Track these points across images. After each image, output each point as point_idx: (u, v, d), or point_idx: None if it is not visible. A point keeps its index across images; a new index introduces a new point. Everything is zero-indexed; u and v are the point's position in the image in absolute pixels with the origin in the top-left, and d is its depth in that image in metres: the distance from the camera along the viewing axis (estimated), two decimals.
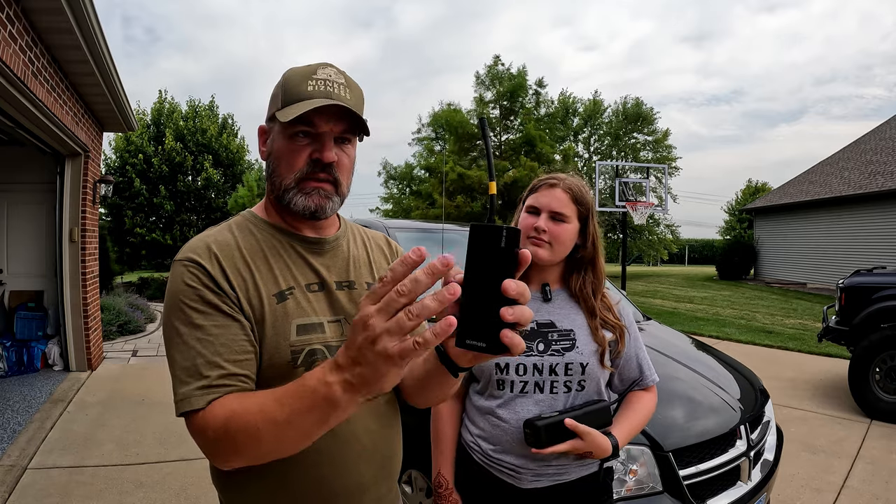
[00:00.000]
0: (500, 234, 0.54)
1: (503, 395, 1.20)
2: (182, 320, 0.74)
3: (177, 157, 13.79)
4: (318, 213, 0.84)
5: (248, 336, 0.76)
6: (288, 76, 0.84)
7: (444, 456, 1.30)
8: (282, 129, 0.82)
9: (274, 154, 0.85)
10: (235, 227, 0.86)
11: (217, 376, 0.71)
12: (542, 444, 1.11)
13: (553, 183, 1.24)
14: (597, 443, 1.13)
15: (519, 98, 18.42)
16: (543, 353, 1.20)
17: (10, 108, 3.40)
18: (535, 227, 1.21)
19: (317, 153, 0.82)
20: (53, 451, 3.24)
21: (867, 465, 3.21)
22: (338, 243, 0.93)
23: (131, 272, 15.25)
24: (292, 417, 0.61)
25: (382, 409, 0.90)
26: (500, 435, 1.20)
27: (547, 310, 1.24)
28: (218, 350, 0.73)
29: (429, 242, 2.83)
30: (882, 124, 16.21)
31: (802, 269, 15.21)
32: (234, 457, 0.68)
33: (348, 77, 0.85)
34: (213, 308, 0.75)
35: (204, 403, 0.69)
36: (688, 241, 34.56)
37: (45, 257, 5.39)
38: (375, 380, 0.53)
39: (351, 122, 0.83)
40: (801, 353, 6.45)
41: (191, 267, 0.77)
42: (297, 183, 0.83)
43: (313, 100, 0.79)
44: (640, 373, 1.28)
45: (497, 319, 0.53)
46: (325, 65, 0.84)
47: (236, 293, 0.78)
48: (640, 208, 10.84)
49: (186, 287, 0.75)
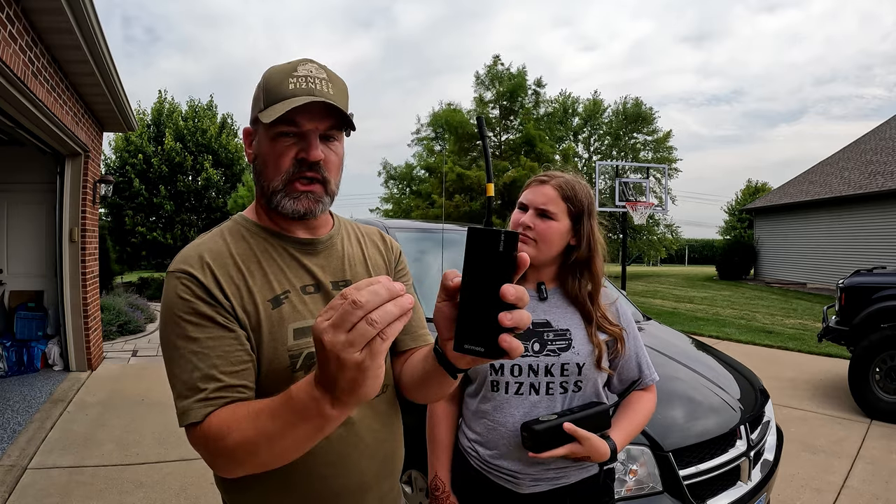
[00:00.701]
0: (498, 237, 0.53)
1: (497, 396, 1.17)
2: (178, 334, 0.74)
3: (176, 157, 13.79)
4: (307, 215, 0.83)
5: (243, 346, 0.76)
6: (268, 76, 0.82)
7: (440, 458, 1.28)
8: (266, 131, 0.81)
9: (260, 156, 0.83)
10: (228, 234, 0.85)
11: (214, 389, 0.71)
12: (540, 448, 1.08)
13: (543, 180, 1.23)
14: (595, 447, 1.10)
15: (518, 98, 18.42)
16: (539, 354, 1.16)
17: (10, 108, 3.40)
18: (520, 223, 1.20)
19: (303, 153, 0.80)
20: (53, 451, 3.24)
21: (867, 465, 3.21)
22: (332, 242, 0.92)
23: (131, 272, 15.25)
24: (286, 431, 0.61)
25: (383, 408, 0.90)
26: (497, 439, 1.17)
27: (543, 309, 1.21)
28: (214, 363, 0.72)
29: (429, 242, 2.83)
30: (882, 124, 16.21)
31: (802, 269, 15.21)
32: (234, 468, 0.68)
33: (330, 71, 0.83)
34: (207, 320, 0.74)
35: (202, 417, 0.69)
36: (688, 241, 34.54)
37: (45, 257, 5.39)
38: (355, 389, 0.52)
39: (336, 118, 0.81)
40: (801, 353, 6.44)
41: (184, 279, 0.76)
42: (284, 185, 0.81)
43: (295, 98, 0.77)
44: (639, 372, 1.25)
45: (495, 324, 0.53)
46: (305, 61, 0.82)
47: (231, 302, 0.77)
48: (640, 208, 10.84)
49: (180, 300, 0.74)
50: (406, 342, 0.95)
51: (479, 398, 1.21)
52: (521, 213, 1.22)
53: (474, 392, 1.23)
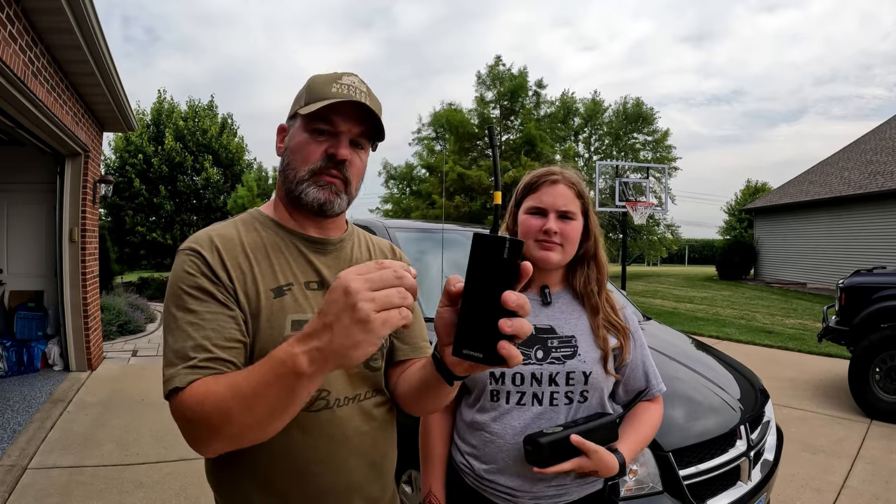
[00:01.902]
0: (503, 245, 0.54)
1: (497, 407, 1.10)
2: (177, 305, 0.76)
3: (176, 157, 13.79)
4: (326, 206, 0.86)
5: (239, 327, 0.77)
6: (313, 79, 0.87)
7: (434, 472, 1.20)
8: (302, 125, 0.85)
9: (291, 148, 0.88)
10: (241, 224, 0.89)
11: (202, 359, 0.71)
12: (545, 463, 1.01)
13: (555, 179, 1.15)
14: (604, 461, 1.03)
15: (519, 98, 18.43)
16: (542, 362, 1.09)
17: (10, 108, 3.40)
18: (544, 230, 1.11)
19: (332, 149, 0.84)
20: (53, 451, 3.24)
21: (867, 465, 3.21)
22: (342, 245, 0.94)
23: (131, 272, 15.25)
24: (259, 389, 0.61)
25: (374, 411, 0.91)
26: (494, 452, 1.09)
27: (546, 314, 1.15)
28: (207, 334, 0.74)
29: (429, 242, 2.83)
30: (882, 124, 16.22)
31: (802, 269, 15.21)
32: (211, 438, 0.67)
33: (370, 88, 0.89)
34: (207, 295, 0.77)
35: (185, 383, 0.69)
36: (688, 241, 34.56)
37: (45, 257, 5.39)
38: (346, 348, 0.53)
39: (368, 127, 0.87)
40: (801, 353, 6.45)
41: (192, 255, 0.79)
42: (310, 175, 0.85)
43: (336, 98, 0.82)
44: (646, 382, 1.19)
45: (495, 331, 0.53)
46: (350, 73, 0.88)
47: (234, 285, 0.80)
48: (640, 208, 10.83)
49: (185, 274, 0.78)
50: (406, 352, 0.96)
51: (477, 409, 1.14)
52: (537, 217, 1.14)
53: (472, 402, 1.16)
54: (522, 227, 1.16)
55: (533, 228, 1.13)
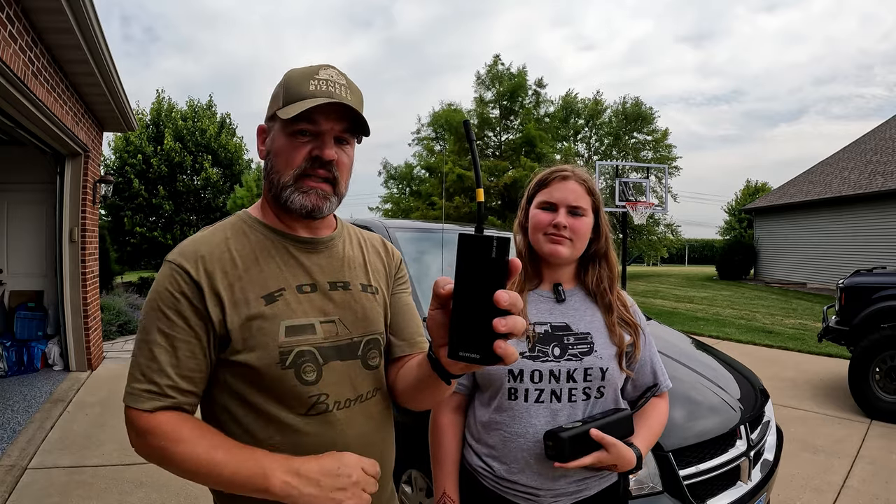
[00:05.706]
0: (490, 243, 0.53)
1: (515, 405, 1.09)
2: (152, 321, 0.78)
3: (176, 156, 13.77)
4: (314, 212, 0.84)
5: (206, 356, 0.80)
6: (289, 76, 0.84)
7: (448, 473, 1.17)
8: (282, 127, 0.83)
9: (273, 151, 0.85)
10: (230, 229, 0.87)
11: (165, 385, 0.76)
12: (566, 458, 1.01)
13: (566, 175, 1.16)
14: (622, 454, 1.04)
15: (519, 98, 18.42)
16: (560, 359, 1.10)
17: (10, 108, 3.40)
18: (554, 224, 1.13)
19: (317, 150, 0.82)
20: (53, 451, 3.24)
21: (867, 465, 3.21)
22: (333, 243, 0.93)
23: (131, 272, 15.26)
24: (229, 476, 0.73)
25: (374, 412, 0.90)
26: (514, 451, 1.09)
27: (561, 311, 1.15)
28: (172, 362, 0.77)
29: (428, 242, 2.83)
30: (882, 124, 16.22)
31: (802, 269, 15.21)
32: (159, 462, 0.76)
33: (349, 79, 0.86)
34: (182, 320, 0.78)
35: (150, 408, 0.75)
36: (688, 241, 34.55)
37: (45, 257, 5.39)
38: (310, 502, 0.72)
39: (351, 123, 0.84)
40: (801, 353, 6.44)
41: (176, 271, 0.79)
42: (295, 180, 0.83)
43: (315, 98, 0.80)
44: (654, 379, 1.22)
45: (490, 330, 0.53)
46: (326, 66, 0.85)
47: (220, 297, 0.79)
48: (640, 208, 10.83)
49: (166, 293, 0.78)
50: (403, 348, 0.95)
51: (494, 408, 1.12)
52: (547, 212, 1.15)
53: (486, 401, 1.14)
54: (533, 222, 1.18)
55: (543, 222, 1.15)
